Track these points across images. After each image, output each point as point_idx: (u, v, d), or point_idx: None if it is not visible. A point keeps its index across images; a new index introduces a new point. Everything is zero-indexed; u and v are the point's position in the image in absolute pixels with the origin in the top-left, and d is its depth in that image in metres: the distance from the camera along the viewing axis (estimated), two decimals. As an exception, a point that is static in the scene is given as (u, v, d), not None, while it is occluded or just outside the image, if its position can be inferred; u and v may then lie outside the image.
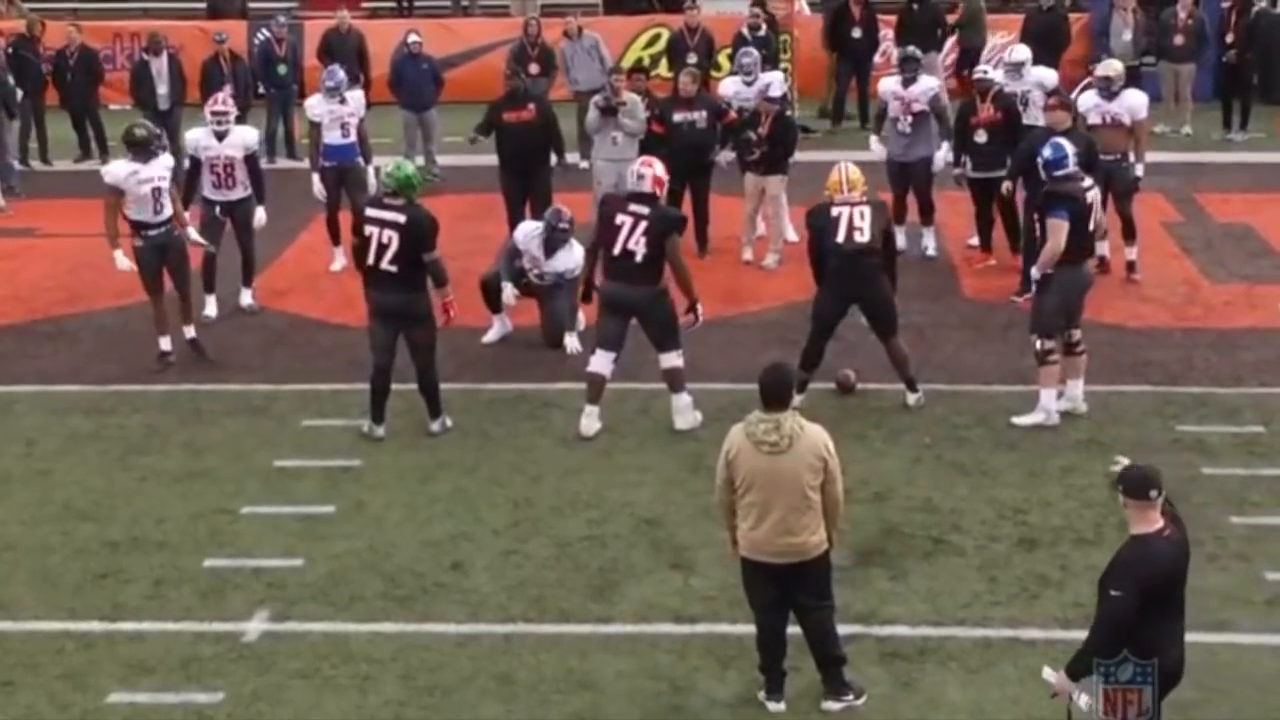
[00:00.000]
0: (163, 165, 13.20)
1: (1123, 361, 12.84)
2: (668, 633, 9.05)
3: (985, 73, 15.65)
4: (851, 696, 8.28)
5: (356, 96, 16.11)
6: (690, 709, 8.32)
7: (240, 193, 14.14)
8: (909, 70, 15.53)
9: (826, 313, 12.01)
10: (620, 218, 11.50)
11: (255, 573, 9.82)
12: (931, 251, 15.65)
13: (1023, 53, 16.02)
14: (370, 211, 11.57)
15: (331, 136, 15.68)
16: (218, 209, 14.15)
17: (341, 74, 16.10)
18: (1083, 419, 11.71)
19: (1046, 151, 11.80)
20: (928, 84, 15.62)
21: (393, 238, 11.34)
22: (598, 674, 8.66)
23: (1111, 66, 15.27)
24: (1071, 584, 9.48)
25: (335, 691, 8.55)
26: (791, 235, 15.91)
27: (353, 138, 15.77)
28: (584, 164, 17.37)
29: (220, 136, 14.03)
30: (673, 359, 11.68)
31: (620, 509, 10.57)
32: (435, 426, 11.76)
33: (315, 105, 15.89)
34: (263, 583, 9.71)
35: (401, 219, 11.37)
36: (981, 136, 15.01)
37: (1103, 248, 14.65)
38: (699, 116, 15.83)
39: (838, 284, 11.85)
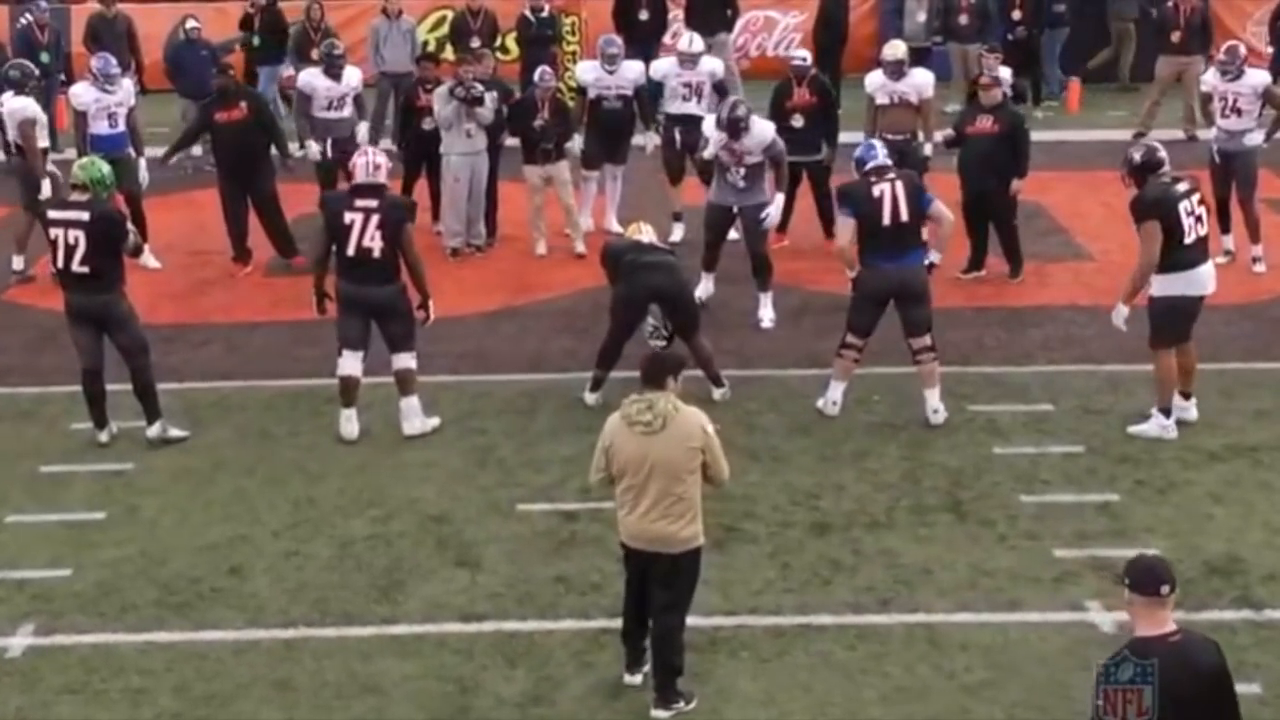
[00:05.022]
0: None
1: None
2: (454, 632, 9.00)
3: (804, 59, 15.84)
4: (682, 704, 8.23)
5: (127, 85, 15.81)
6: (477, 709, 8.29)
7: None
8: (739, 127, 13.18)
9: (626, 314, 11.90)
10: (349, 216, 11.22)
11: (20, 585, 9.58)
12: (767, 324, 13.66)
13: (700, 44, 16.09)
14: (53, 213, 11.25)
15: (99, 126, 15.40)
16: None
17: (114, 61, 15.80)
18: (875, 402, 11.86)
19: (857, 150, 11.97)
20: (763, 133, 13.33)
21: (79, 238, 11.04)
22: (383, 677, 8.59)
23: (896, 48, 15.55)
24: (864, 568, 9.63)
25: (105, 706, 8.37)
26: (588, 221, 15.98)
27: (122, 127, 15.50)
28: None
29: None
30: (407, 360, 11.50)
31: (405, 506, 10.50)
32: (153, 432, 11.46)
33: (81, 93, 15.59)
34: (27, 595, 9.47)
35: (85, 216, 11.07)
36: (798, 121, 15.24)
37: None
38: (491, 96, 15.80)
39: (639, 281, 11.74)
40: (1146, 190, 11.07)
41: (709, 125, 13.74)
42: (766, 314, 13.70)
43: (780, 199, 13.80)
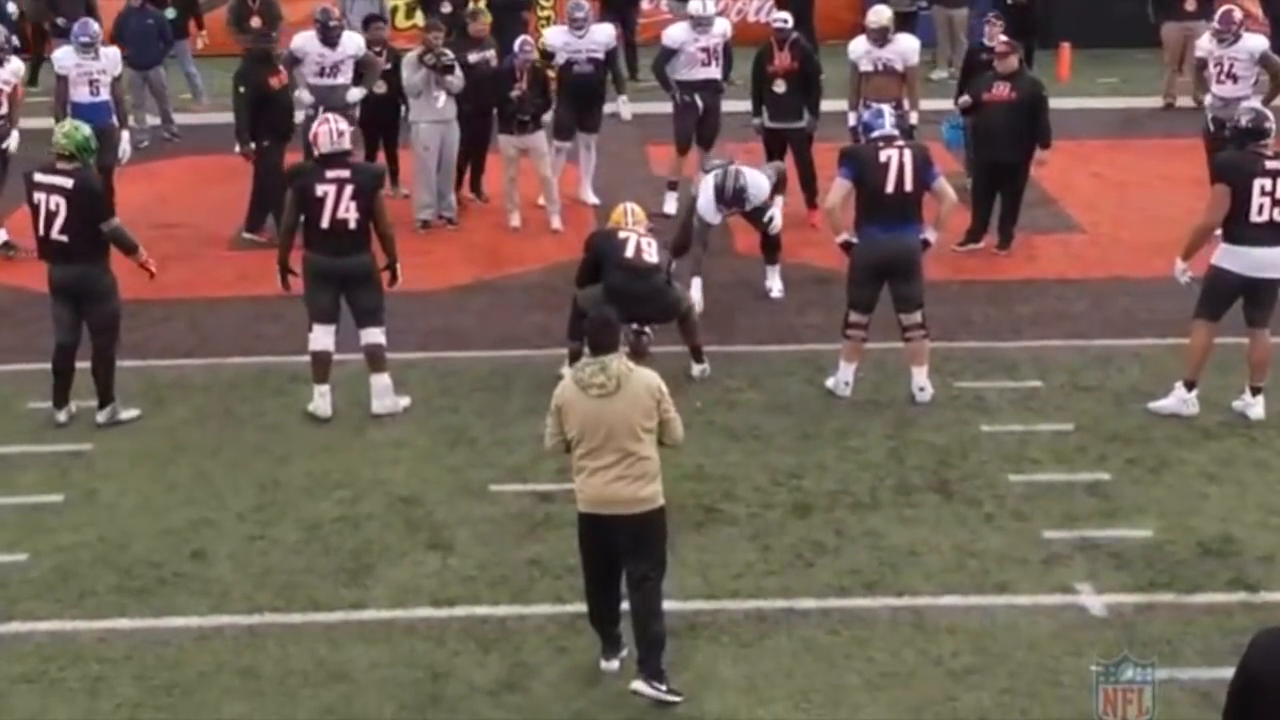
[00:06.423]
0: None
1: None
2: (425, 617, 8.97)
3: (786, 21, 15.78)
4: (665, 689, 8.15)
5: (112, 54, 15.69)
6: (448, 698, 8.25)
7: None
8: (743, 196, 13.17)
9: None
10: (320, 188, 11.20)
11: (-27, 571, 9.55)
12: (776, 294, 13.75)
13: (712, 5, 16.08)
14: (39, 177, 11.26)
15: (80, 94, 15.30)
16: None
17: (95, 27, 15.69)
18: (860, 378, 11.82)
19: (864, 115, 11.98)
20: (760, 186, 13.27)
21: (60, 204, 11.06)
22: (351, 664, 8.55)
23: (881, 14, 15.52)
24: (848, 550, 9.61)
25: (63, 696, 8.32)
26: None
27: (104, 96, 15.39)
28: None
29: None
30: (377, 335, 11.48)
31: (374, 488, 10.46)
32: (102, 417, 11.41)
33: (63, 58, 15.49)
34: (-19, 581, 9.44)
35: (69, 184, 11.08)
36: (780, 87, 15.24)
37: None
38: (489, 56, 15.76)
39: (618, 301, 11.37)
40: (1230, 154, 11.09)
41: (703, 200, 13.27)
42: (775, 284, 13.73)
43: (780, 201, 13.82)
